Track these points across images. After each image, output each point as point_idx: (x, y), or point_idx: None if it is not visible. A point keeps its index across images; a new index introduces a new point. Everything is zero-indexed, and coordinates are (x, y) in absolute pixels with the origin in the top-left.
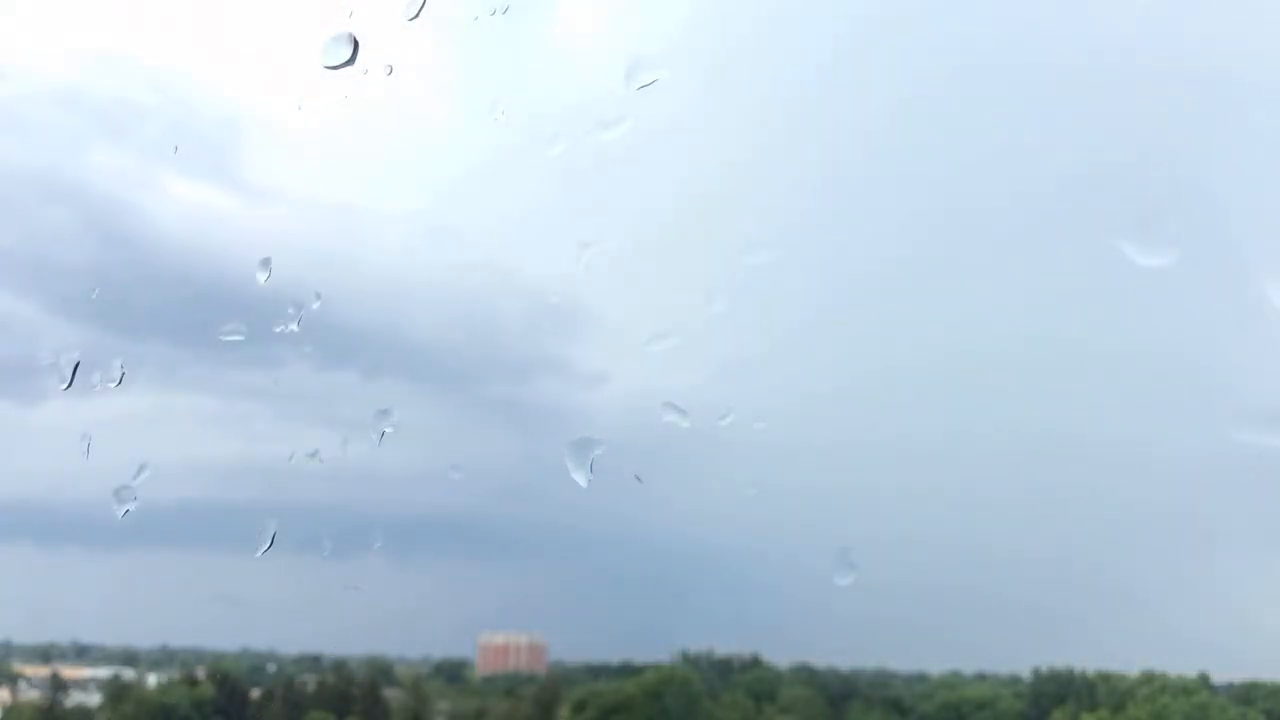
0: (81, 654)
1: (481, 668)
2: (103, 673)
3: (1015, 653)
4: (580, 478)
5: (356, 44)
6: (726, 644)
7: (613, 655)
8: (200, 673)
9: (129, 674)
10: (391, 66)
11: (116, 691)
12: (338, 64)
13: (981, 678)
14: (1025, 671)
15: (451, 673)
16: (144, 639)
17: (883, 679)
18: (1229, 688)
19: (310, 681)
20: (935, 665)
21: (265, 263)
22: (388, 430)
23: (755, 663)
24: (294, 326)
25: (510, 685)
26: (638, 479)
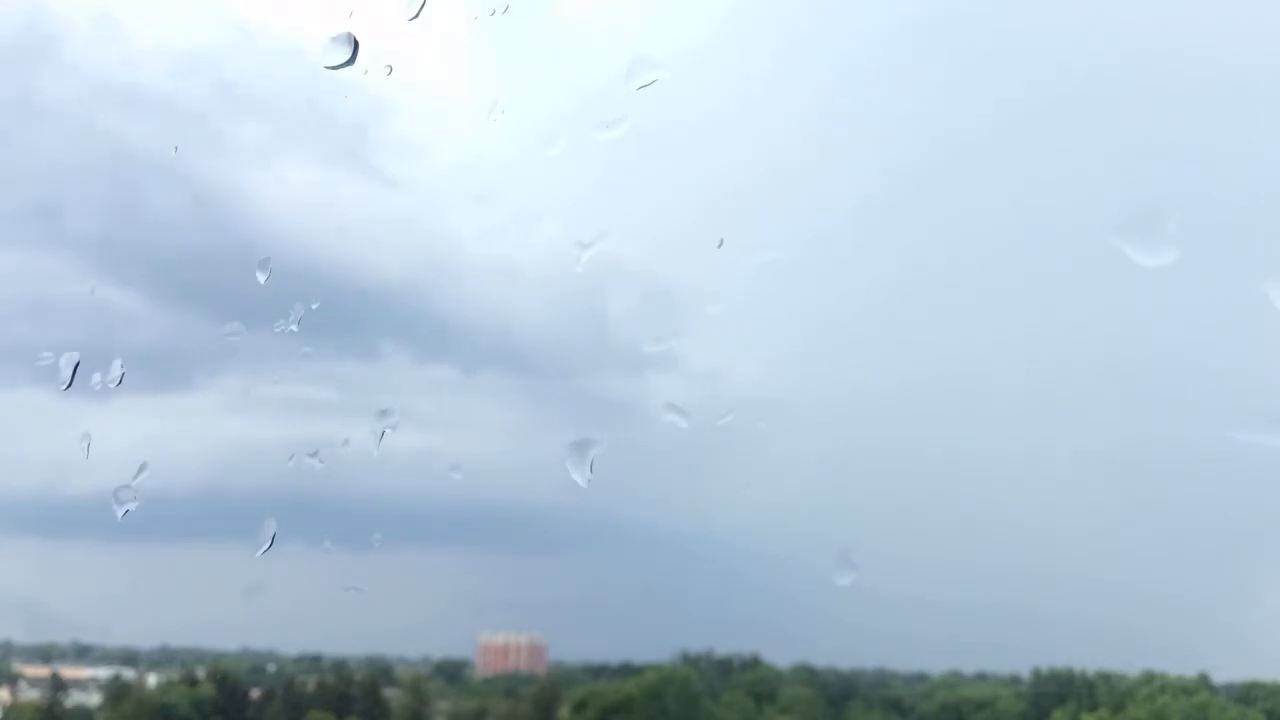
0: (81, 654)
1: (481, 668)
2: (103, 673)
3: (1015, 653)
4: (579, 477)
5: (356, 44)
6: (726, 644)
7: (613, 655)
8: (200, 673)
9: (129, 674)
10: (391, 66)
11: (116, 691)
12: (338, 64)
13: (981, 678)
14: (1025, 671)
15: (451, 673)
16: (144, 639)
17: (883, 679)
18: (1229, 688)
19: (310, 681)
20: (935, 665)
21: (264, 263)
22: (388, 429)
23: (755, 663)
24: (294, 327)
25: (510, 685)
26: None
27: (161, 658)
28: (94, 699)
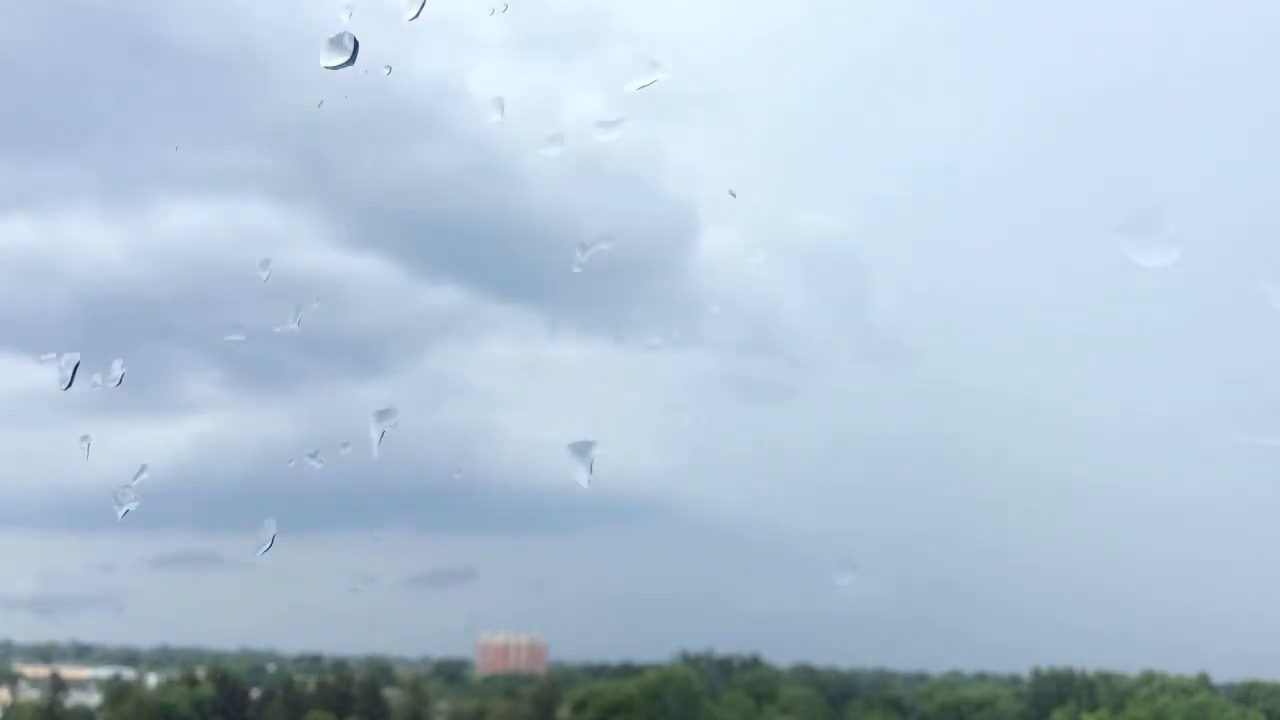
0: (81, 654)
1: (481, 668)
2: (103, 673)
3: (1015, 653)
4: (581, 478)
5: (356, 44)
6: (726, 644)
7: (613, 655)
8: (200, 673)
9: (129, 674)
10: (391, 67)
11: (116, 691)
12: (338, 64)
13: (981, 678)
14: (1025, 671)
15: (451, 673)
16: (145, 639)
17: (883, 679)
18: (1229, 688)
19: (310, 681)
20: (935, 665)
21: (265, 263)
22: (388, 430)
23: (755, 663)
24: (294, 326)
25: (510, 685)
26: None
27: (161, 658)
28: (94, 699)
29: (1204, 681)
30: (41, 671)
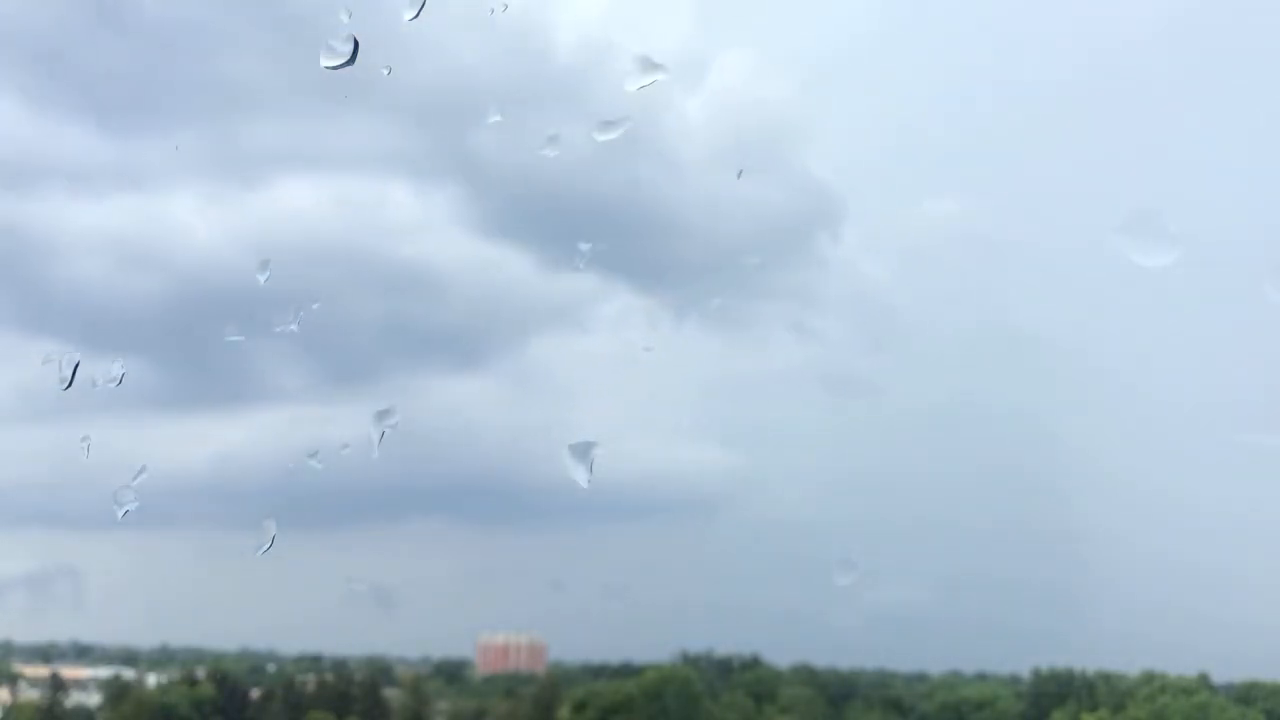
0: (81, 654)
1: (481, 668)
2: (103, 673)
3: (1015, 653)
4: (580, 478)
5: (356, 44)
6: (726, 644)
7: (613, 655)
8: (200, 673)
9: (129, 674)
10: (390, 67)
11: (116, 691)
12: (337, 64)
13: (981, 678)
14: (1025, 671)
15: (451, 673)
16: (145, 639)
17: (883, 679)
18: (1229, 688)
19: (310, 681)
20: (935, 665)
21: (265, 264)
22: (388, 430)
23: (755, 663)
24: (293, 327)
25: (510, 685)
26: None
27: (161, 658)
28: (94, 699)
29: (1204, 681)
30: (41, 671)
